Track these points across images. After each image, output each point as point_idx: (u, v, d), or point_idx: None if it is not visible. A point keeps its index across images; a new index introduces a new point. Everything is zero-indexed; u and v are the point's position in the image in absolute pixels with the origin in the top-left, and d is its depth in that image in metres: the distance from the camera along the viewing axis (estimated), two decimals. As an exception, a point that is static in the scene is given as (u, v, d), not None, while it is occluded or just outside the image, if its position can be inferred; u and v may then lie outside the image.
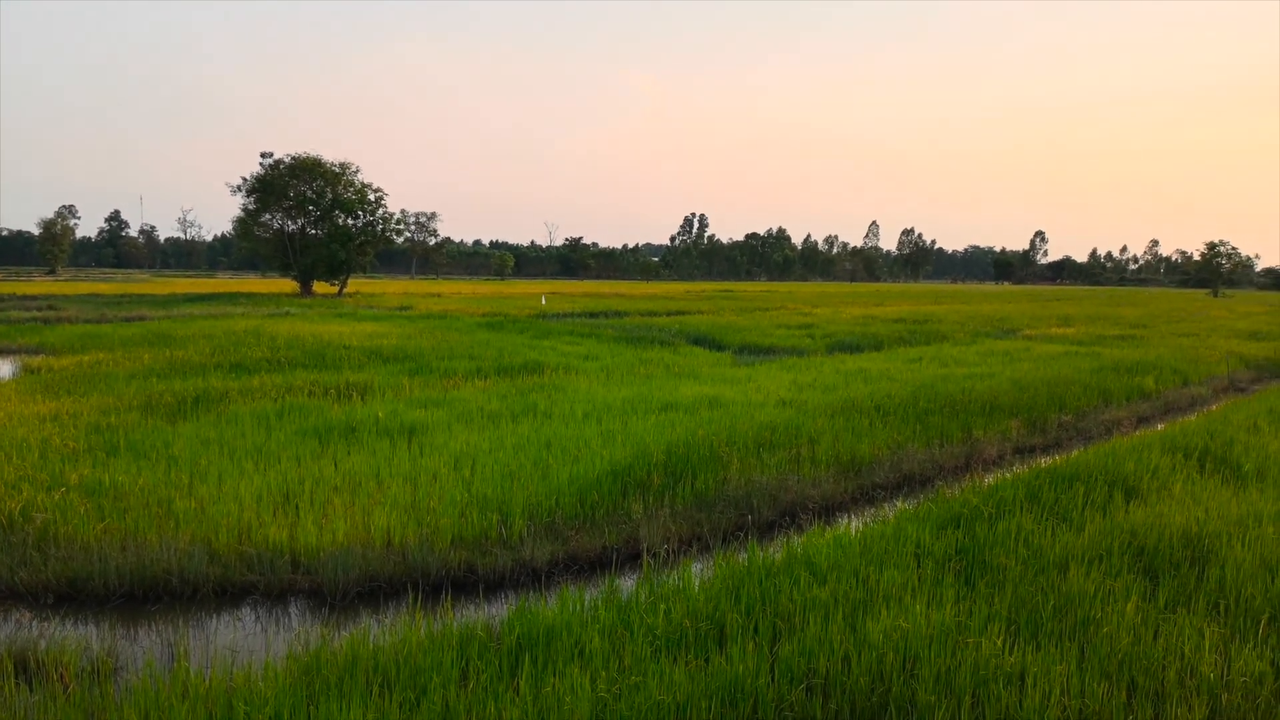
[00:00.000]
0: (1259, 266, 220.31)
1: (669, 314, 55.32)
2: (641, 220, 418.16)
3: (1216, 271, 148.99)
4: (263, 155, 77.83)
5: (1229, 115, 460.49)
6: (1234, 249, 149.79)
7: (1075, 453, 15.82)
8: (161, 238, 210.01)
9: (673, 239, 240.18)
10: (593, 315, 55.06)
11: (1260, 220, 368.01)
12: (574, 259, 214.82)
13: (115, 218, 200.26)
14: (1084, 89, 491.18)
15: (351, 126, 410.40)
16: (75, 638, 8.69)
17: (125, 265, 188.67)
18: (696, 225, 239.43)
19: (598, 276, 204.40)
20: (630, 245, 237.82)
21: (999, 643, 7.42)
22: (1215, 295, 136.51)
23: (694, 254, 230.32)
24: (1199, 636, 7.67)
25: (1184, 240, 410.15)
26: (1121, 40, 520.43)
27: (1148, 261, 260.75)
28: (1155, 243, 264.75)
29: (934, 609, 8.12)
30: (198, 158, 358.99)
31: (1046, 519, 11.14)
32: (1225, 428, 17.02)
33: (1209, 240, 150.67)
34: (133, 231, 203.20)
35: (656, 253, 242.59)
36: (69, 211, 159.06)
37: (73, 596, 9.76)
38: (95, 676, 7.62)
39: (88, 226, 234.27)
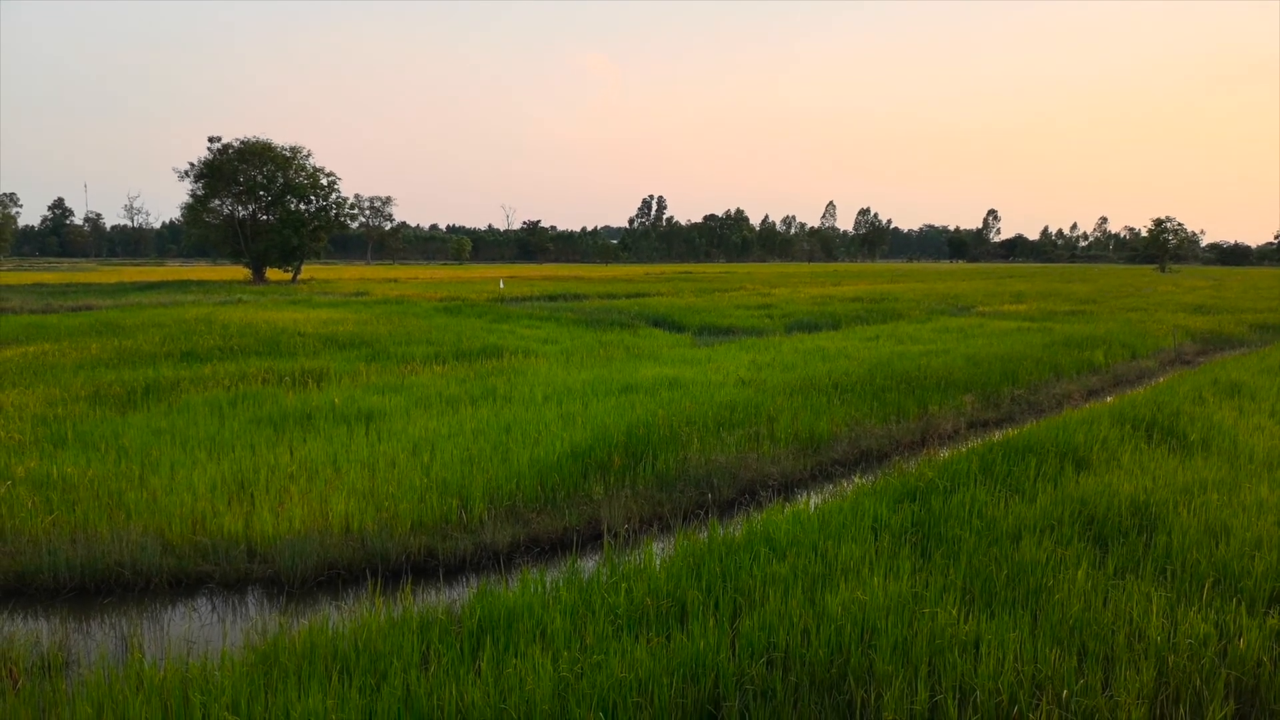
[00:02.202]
0: (1204, 242, 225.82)
1: (628, 296, 55.26)
2: (600, 203, 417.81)
3: (1163, 247, 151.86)
4: (210, 140, 76.23)
5: (1174, 94, 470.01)
6: (1180, 225, 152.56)
7: (1027, 426, 16.12)
8: (108, 225, 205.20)
9: (631, 221, 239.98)
10: (552, 299, 54.82)
11: (1206, 196, 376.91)
12: (532, 242, 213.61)
13: (59, 205, 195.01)
14: (1035, 69, 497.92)
15: (302, 111, 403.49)
16: (25, 632, 8.51)
17: (70, 254, 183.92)
18: (655, 207, 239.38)
19: (556, 260, 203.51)
20: (589, 228, 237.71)
21: (954, 612, 7.55)
22: (1162, 271, 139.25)
23: (653, 236, 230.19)
24: (1147, 601, 7.87)
25: (1132, 217, 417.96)
26: (1070, 22, 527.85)
27: (1097, 238, 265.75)
28: (1104, 220, 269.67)
29: (891, 581, 8.24)
30: (144, 143, 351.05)
31: (1000, 491, 11.34)
32: (1172, 399, 17.44)
33: (1156, 217, 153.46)
34: (77, 219, 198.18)
35: (615, 235, 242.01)
36: (10, 199, 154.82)
37: (21, 591, 9.55)
38: (46, 671, 7.47)
39: (30, 215, 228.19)
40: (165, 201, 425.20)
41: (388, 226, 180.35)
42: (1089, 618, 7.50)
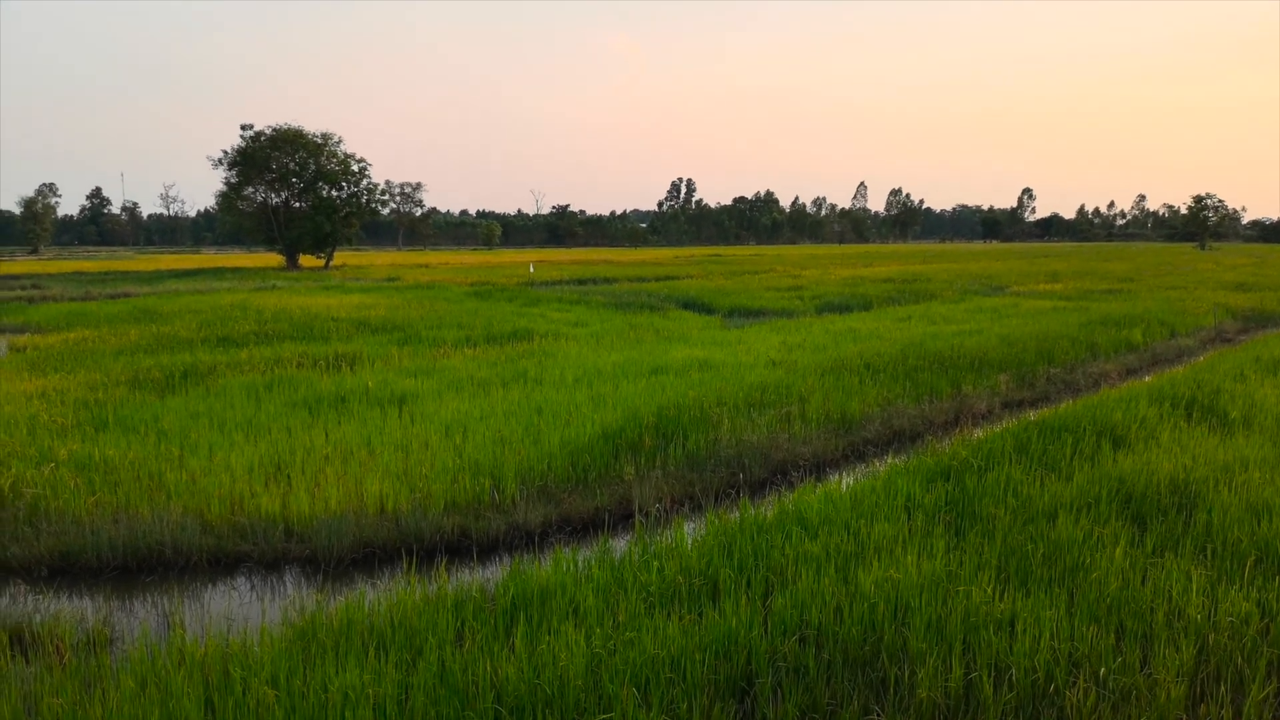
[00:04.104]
0: (1245, 219, 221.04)
1: (658, 279, 55.18)
2: (629, 186, 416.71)
3: (1203, 225, 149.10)
4: (243, 128, 77.02)
5: (1215, 70, 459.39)
6: (1220, 202, 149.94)
7: (1063, 405, 15.91)
8: (144, 214, 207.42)
9: (660, 204, 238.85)
10: (581, 282, 54.85)
11: (1247, 173, 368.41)
12: (561, 227, 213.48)
13: (97, 195, 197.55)
14: (1071, 45, 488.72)
15: (333, 97, 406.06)
16: (70, 610, 8.70)
17: (109, 243, 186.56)
18: (684, 190, 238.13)
19: (585, 244, 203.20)
20: (618, 212, 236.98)
21: (989, 590, 7.50)
22: (1202, 248, 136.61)
23: (682, 219, 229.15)
24: (1186, 579, 7.75)
25: (1171, 194, 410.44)
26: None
27: (1135, 216, 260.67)
28: (1142, 197, 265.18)
29: (925, 559, 8.19)
30: (178, 132, 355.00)
31: (1035, 469, 11.22)
32: (1212, 377, 17.12)
33: (1195, 194, 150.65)
34: (115, 209, 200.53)
35: (644, 219, 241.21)
36: (49, 189, 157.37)
37: (66, 569, 9.76)
38: (91, 647, 7.64)
39: (69, 204, 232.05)
40: (200, 190, 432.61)
41: (418, 212, 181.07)
42: (1127, 596, 7.41)
